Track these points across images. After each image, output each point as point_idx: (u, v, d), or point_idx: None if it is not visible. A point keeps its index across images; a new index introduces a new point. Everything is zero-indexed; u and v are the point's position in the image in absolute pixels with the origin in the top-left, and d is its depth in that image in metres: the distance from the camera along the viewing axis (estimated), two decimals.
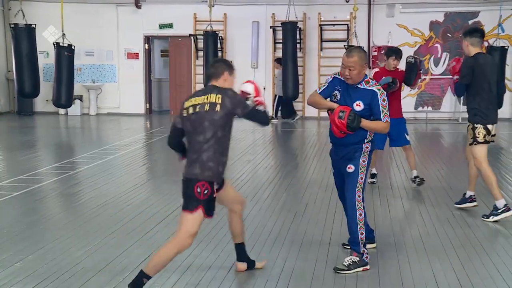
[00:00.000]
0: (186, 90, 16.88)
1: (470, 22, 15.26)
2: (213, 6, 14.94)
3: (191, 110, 4.04)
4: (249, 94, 4.22)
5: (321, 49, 15.81)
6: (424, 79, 15.25)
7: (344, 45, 14.54)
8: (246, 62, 16.10)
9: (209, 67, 4.32)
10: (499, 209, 5.76)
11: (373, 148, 4.56)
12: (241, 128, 13.95)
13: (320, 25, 15.69)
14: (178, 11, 16.22)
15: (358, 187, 4.43)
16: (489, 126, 5.81)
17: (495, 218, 5.74)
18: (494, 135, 5.94)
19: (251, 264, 4.45)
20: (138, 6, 16.45)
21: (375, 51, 15.51)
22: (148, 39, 17.05)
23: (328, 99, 4.52)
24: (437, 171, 8.50)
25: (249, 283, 4.25)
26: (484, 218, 5.83)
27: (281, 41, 15.23)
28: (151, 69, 17.46)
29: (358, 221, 4.41)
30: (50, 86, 16.90)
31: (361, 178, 4.44)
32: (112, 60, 16.90)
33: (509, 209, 5.75)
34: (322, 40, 15.78)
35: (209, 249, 4.90)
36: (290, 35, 14.68)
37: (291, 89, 14.69)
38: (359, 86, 4.40)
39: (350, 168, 4.45)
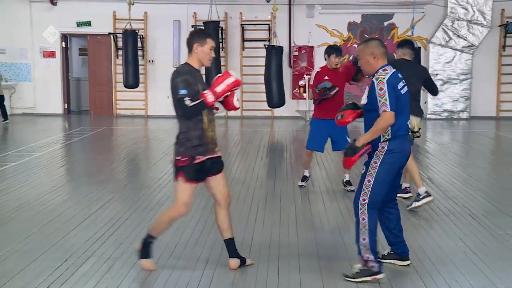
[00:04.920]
0: (106, 89, 16.51)
1: (386, 23, 15.82)
2: (133, 4, 14.67)
3: None
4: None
5: (243, 48, 15.89)
6: None
7: (265, 45, 14.68)
8: (168, 61, 15.91)
9: (187, 38, 4.31)
10: (421, 196, 6.16)
11: (395, 147, 4.10)
12: (163, 128, 13.79)
13: (241, 24, 15.76)
14: (96, 9, 15.82)
15: (363, 190, 4.13)
16: (418, 119, 6.38)
17: (417, 203, 6.15)
18: (418, 131, 6.47)
19: (243, 261, 4.45)
20: (53, 2, 15.89)
21: (296, 50, 15.76)
22: (65, 37, 16.51)
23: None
24: (363, 170, 8.71)
25: (172, 281, 4.19)
26: (408, 207, 6.21)
27: None
28: (69, 68, 16.93)
29: (360, 226, 4.13)
30: None
31: (368, 181, 4.12)
32: (27, 59, 16.24)
33: (429, 195, 6.17)
34: (244, 40, 15.86)
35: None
36: (212, 35, 14.60)
37: None
38: (373, 78, 4.15)
39: (363, 169, 4.22)
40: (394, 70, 4.20)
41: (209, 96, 4.07)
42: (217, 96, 4.11)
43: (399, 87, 4.11)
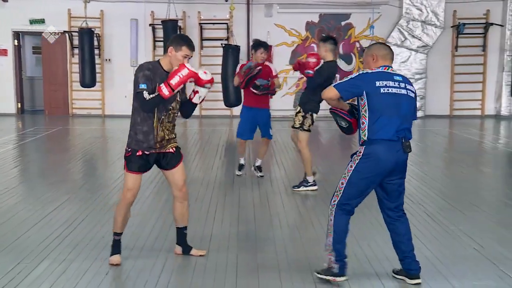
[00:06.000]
0: (61, 89, 16.18)
1: (343, 23, 16.01)
2: (89, 2, 14.43)
3: None
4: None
5: (202, 47, 15.82)
6: (302, 77, 15.78)
7: (222, 44, 14.63)
8: (126, 61, 15.72)
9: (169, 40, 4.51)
10: (309, 183, 7.07)
11: (370, 153, 4.00)
12: (121, 127, 13.62)
13: (200, 23, 15.69)
14: (51, 6, 15.46)
15: (336, 191, 4.11)
16: (314, 116, 7.00)
17: (304, 189, 7.04)
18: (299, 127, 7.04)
19: (186, 249, 4.68)
20: None
21: None
22: (17, 35, 16.11)
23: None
24: (315, 167, 8.78)
25: (129, 282, 4.14)
26: (294, 188, 7.08)
27: (161, 39, 15.06)
28: (22, 66, 16.52)
29: (328, 226, 4.13)
30: None
31: (341, 184, 4.08)
32: None
33: (315, 185, 7.10)
34: (202, 39, 15.80)
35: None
36: (170, 33, 14.51)
37: None
38: None
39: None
40: (389, 72, 4.10)
41: (164, 89, 4.16)
42: (172, 88, 4.17)
43: (379, 84, 4.00)
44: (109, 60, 15.93)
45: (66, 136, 12.80)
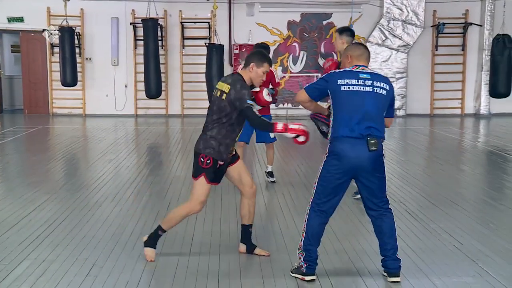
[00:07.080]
0: (41, 88, 16.00)
1: (324, 22, 16.06)
2: (69, 0, 14.29)
3: (214, 93, 4.52)
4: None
5: (183, 46, 15.76)
6: (284, 76, 15.82)
7: (205, 43, 14.61)
8: (107, 59, 15.63)
9: (248, 54, 4.66)
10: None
11: (334, 150, 4.05)
12: (102, 127, 13.53)
13: (181, 22, 15.63)
14: (29, 4, 15.26)
15: (312, 192, 4.18)
16: None
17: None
18: None
19: (250, 248, 4.69)
20: None
21: (236, 49, 15.77)
22: None
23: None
24: (297, 166, 8.84)
25: (110, 283, 4.11)
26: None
27: (142, 38, 14.98)
28: (0, 65, 16.30)
29: (303, 226, 4.20)
30: None
31: (314, 183, 4.14)
32: None
33: None
34: (184, 38, 15.74)
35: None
36: (151, 32, 14.50)
37: (153, 87, 14.58)
38: None
39: None
40: (356, 70, 4.14)
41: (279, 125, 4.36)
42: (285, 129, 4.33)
43: (340, 83, 4.06)
44: (90, 59, 15.80)
45: (46, 136, 12.67)
